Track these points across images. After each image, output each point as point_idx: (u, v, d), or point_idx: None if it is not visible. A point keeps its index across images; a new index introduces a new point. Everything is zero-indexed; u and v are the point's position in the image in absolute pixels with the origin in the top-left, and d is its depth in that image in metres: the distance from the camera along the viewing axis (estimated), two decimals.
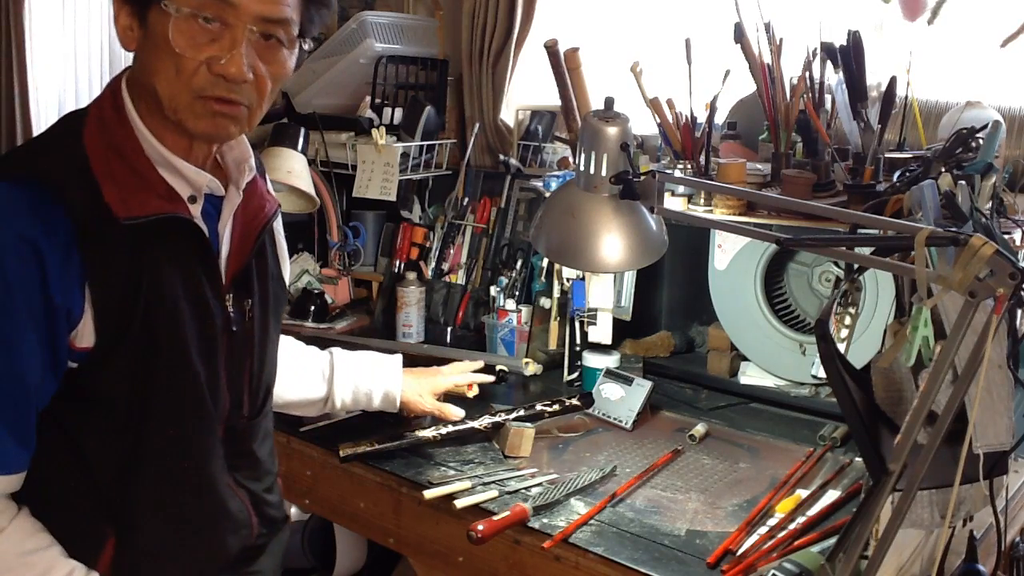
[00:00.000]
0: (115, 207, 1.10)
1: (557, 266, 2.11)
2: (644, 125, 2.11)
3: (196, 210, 1.19)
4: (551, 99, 2.25)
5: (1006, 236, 1.53)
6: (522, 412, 1.78)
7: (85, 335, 1.12)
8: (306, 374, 1.67)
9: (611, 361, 2.05)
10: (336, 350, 1.73)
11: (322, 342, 2.28)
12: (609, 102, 1.33)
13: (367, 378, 1.72)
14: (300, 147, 2.33)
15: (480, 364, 1.94)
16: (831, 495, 1.56)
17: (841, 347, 1.26)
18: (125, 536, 1.18)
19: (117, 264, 1.11)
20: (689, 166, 1.97)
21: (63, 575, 1.13)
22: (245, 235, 1.26)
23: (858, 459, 1.69)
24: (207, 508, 1.26)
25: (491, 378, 1.93)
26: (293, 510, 2.19)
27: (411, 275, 2.41)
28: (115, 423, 1.16)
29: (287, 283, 1.42)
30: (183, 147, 1.17)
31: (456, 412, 1.78)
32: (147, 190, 1.13)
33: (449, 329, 2.43)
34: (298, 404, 1.68)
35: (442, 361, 2.09)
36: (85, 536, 1.17)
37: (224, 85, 1.11)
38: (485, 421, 1.75)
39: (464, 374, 1.88)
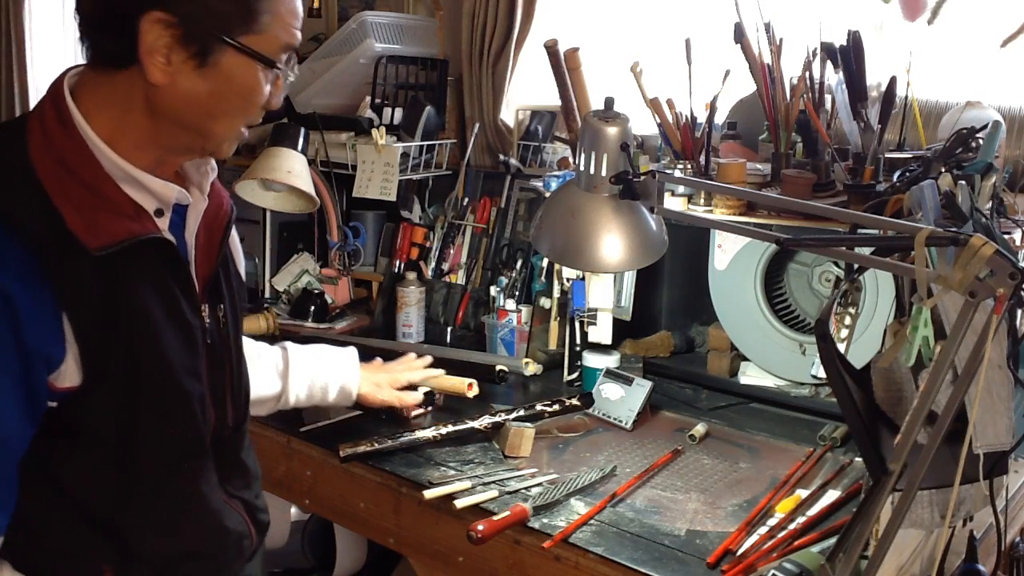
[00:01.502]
0: (83, 236, 1.02)
1: (557, 266, 2.11)
2: (644, 125, 2.11)
3: (164, 223, 1.12)
4: (551, 99, 2.25)
5: (1006, 236, 1.53)
6: (522, 412, 1.78)
7: (68, 375, 1.06)
8: (259, 371, 1.57)
9: (611, 361, 2.05)
10: (289, 344, 1.68)
11: (322, 343, 2.30)
12: (609, 102, 1.33)
13: (323, 372, 1.68)
14: (300, 147, 2.33)
15: (428, 360, 1.89)
16: (831, 495, 1.56)
17: (841, 347, 1.26)
18: (122, 571, 1.15)
19: (92, 295, 1.04)
20: (689, 166, 1.97)
21: None
22: (209, 239, 1.20)
23: (858, 459, 1.69)
24: (206, 529, 1.22)
25: (440, 372, 1.89)
26: (293, 510, 2.20)
27: (411, 275, 2.41)
28: (104, 457, 1.11)
29: (243, 276, 1.35)
30: (149, 161, 1.10)
31: (415, 397, 1.77)
32: (112, 211, 1.06)
33: (449, 329, 2.43)
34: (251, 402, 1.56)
35: (442, 361, 2.09)
36: (79, 569, 1.13)
37: (261, 115, 1.13)
38: (485, 421, 1.75)
39: (418, 371, 1.84)
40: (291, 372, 1.63)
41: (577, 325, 2.10)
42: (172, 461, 1.17)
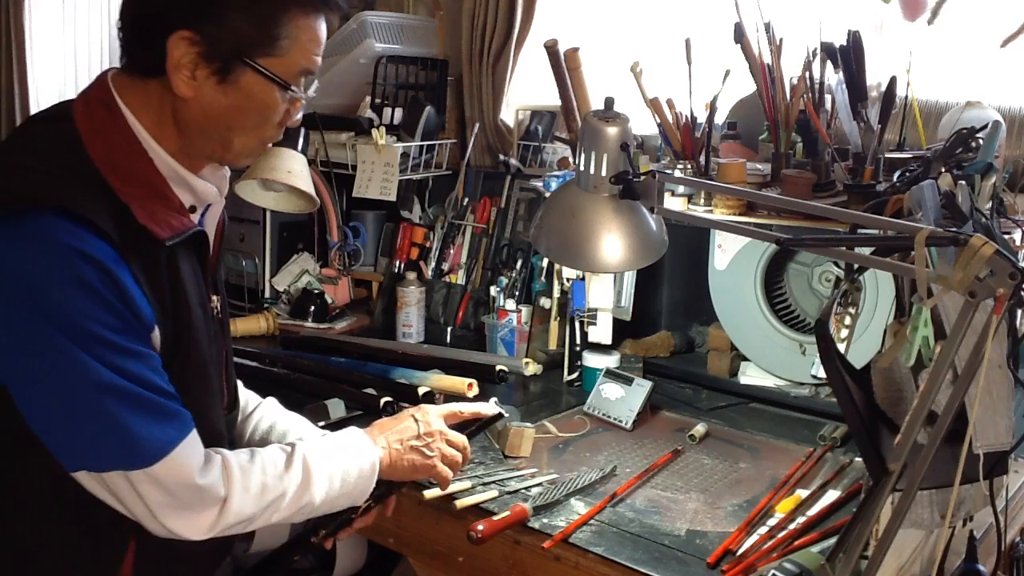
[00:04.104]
0: (153, 228, 1.12)
1: (557, 266, 2.11)
2: (644, 125, 2.11)
3: (195, 219, 1.22)
4: (551, 99, 2.25)
5: (1006, 236, 1.53)
6: None
7: (154, 341, 1.14)
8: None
9: (611, 361, 2.05)
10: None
11: (322, 342, 2.30)
12: (609, 102, 1.33)
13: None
14: (300, 147, 2.33)
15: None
16: (831, 495, 1.56)
17: (841, 347, 1.26)
18: (146, 539, 1.19)
19: (161, 281, 1.14)
20: (689, 166, 1.97)
21: (280, 459, 1.22)
22: (214, 236, 1.31)
23: (858, 459, 1.69)
24: None
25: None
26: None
27: (411, 275, 2.41)
28: None
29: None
30: (186, 162, 1.19)
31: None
32: (167, 206, 1.16)
33: (449, 329, 2.43)
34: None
35: (441, 361, 2.09)
36: (109, 540, 1.18)
37: (280, 131, 1.22)
38: None
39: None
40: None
41: (577, 325, 2.10)
42: (203, 438, 1.22)
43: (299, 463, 1.24)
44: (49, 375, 1.06)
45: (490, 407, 1.54)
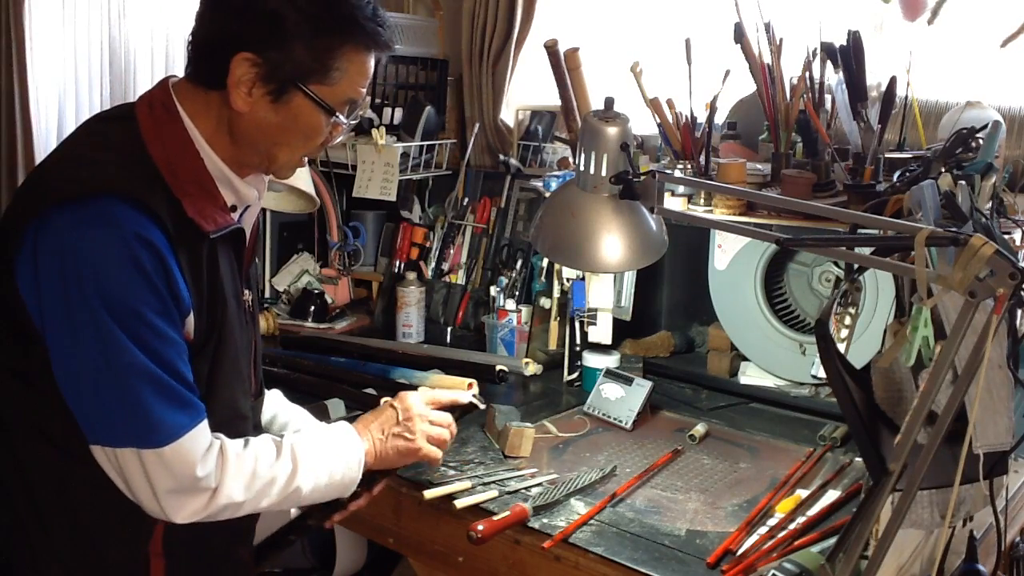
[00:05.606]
0: (200, 222, 1.21)
1: (557, 266, 2.11)
2: (644, 125, 2.11)
3: (235, 217, 1.31)
4: (551, 99, 2.25)
5: (1006, 236, 1.53)
6: None
7: (188, 328, 1.22)
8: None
9: (611, 361, 2.05)
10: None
11: (322, 342, 2.30)
12: (609, 102, 1.33)
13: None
14: None
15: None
16: (831, 495, 1.56)
17: (841, 347, 1.26)
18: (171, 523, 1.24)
19: (202, 271, 1.23)
20: (689, 166, 1.97)
21: (271, 450, 1.29)
22: (250, 235, 1.39)
23: (858, 459, 1.69)
24: None
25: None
26: (293, 510, 2.19)
27: (411, 275, 2.41)
28: None
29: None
30: (235, 167, 1.28)
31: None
32: (214, 203, 1.25)
33: (449, 329, 2.43)
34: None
35: (441, 361, 2.09)
36: (138, 517, 1.23)
37: (321, 151, 1.35)
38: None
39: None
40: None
41: (577, 325, 2.10)
42: (228, 422, 1.29)
43: (288, 454, 1.31)
44: (87, 348, 1.14)
45: (465, 395, 1.58)
